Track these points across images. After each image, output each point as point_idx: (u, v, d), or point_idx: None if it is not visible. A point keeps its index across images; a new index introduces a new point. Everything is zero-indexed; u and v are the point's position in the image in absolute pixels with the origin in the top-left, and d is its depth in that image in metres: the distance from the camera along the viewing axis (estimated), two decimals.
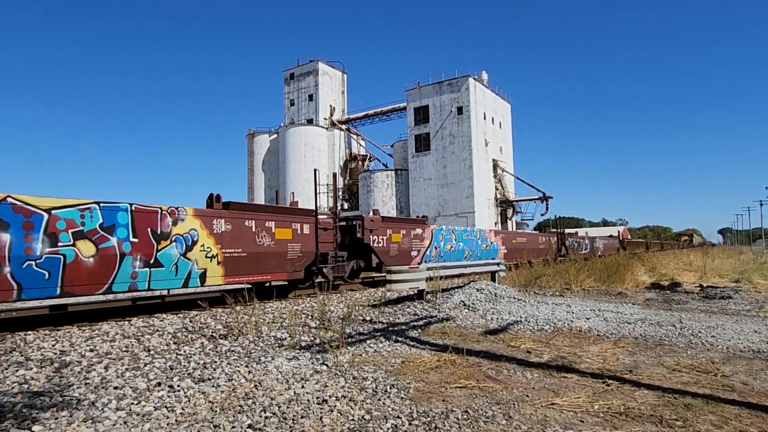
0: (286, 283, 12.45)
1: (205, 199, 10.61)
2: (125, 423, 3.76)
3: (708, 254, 31.81)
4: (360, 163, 64.36)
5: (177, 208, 9.47)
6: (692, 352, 6.43)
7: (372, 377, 5.03)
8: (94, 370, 5.15)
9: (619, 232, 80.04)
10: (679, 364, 5.77)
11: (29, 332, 7.02)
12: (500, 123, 56.98)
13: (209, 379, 4.79)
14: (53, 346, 6.16)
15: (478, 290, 11.47)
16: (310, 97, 64.92)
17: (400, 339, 7.02)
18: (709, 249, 48.52)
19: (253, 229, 10.91)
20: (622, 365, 5.73)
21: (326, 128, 63.36)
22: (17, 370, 5.06)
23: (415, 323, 8.35)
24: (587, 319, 8.82)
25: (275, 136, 64.84)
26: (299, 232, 12.16)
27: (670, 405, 4.28)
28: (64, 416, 3.84)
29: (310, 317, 8.61)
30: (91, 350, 6.02)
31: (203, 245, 9.79)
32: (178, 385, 4.57)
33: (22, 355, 5.69)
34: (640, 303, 11.67)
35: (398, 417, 3.95)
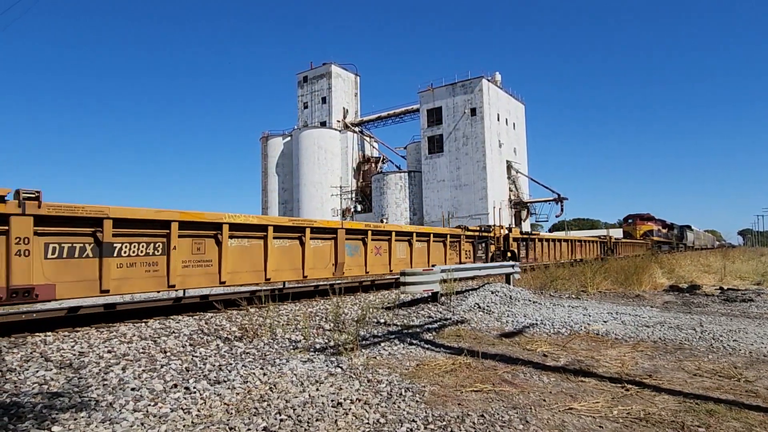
0: None
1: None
2: (142, 424, 3.78)
3: (727, 256, 31.19)
4: (373, 165, 64.46)
5: None
6: (713, 356, 6.30)
7: (387, 380, 5.00)
8: (112, 371, 5.21)
9: None
10: (700, 369, 5.65)
11: (49, 333, 7.12)
12: (514, 124, 56.65)
13: (224, 382, 4.81)
14: (72, 347, 6.24)
15: (492, 292, 11.37)
16: (323, 100, 65.26)
17: (414, 342, 6.99)
18: (729, 251, 47.55)
19: None
20: (641, 369, 5.63)
21: (339, 130, 63.60)
22: (37, 371, 5.14)
23: (430, 326, 8.31)
24: (604, 322, 8.69)
25: (289, 138, 65.27)
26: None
27: (691, 411, 4.19)
28: (82, 417, 3.88)
29: (324, 319, 8.61)
30: (109, 351, 6.08)
31: None
32: (194, 387, 4.60)
33: (41, 356, 5.78)
34: (659, 306, 11.47)
35: (413, 421, 3.92)
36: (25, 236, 6.72)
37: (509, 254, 19.96)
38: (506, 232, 21.02)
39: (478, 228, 19.54)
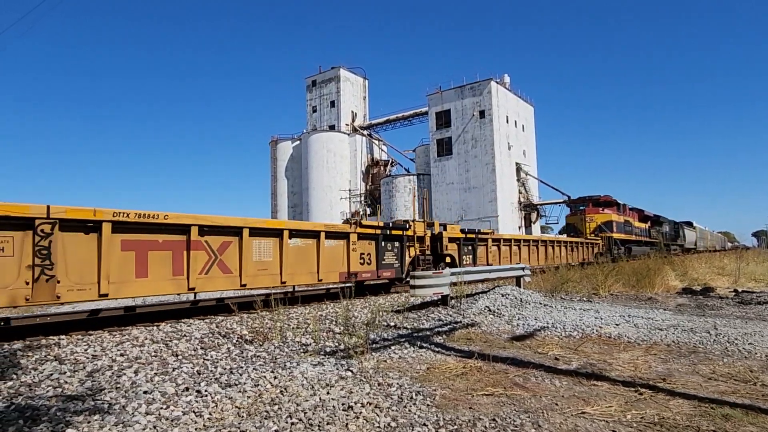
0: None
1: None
2: (155, 427, 3.81)
3: (742, 257, 30.73)
4: (382, 168, 64.49)
5: None
6: (729, 359, 6.20)
7: (397, 384, 4.99)
8: (125, 374, 5.25)
9: None
10: (715, 373, 5.57)
11: (63, 336, 7.21)
12: (523, 126, 56.42)
13: (236, 385, 4.83)
14: (86, 350, 6.31)
15: (503, 295, 11.31)
16: (332, 104, 65.47)
17: (424, 345, 6.97)
18: (743, 252, 46.87)
19: None
20: (654, 373, 5.56)
21: (348, 134, 63.75)
22: (51, 374, 5.20)
23: (440, 329, 8.28)
24: (616, 325, 8.61)
25: (298, 142, 65.55)
26: None
27: (707, 415, 4.13)
28: (96, 420, 3.92)
29: (334, 323, 8.62)
30: (122, 355, 6.14)
31: None
32: (206, 390, 4.62)
33: (56, 360, 5.85)
34: (672, 308, 11.34)
35: (424, 425, 3.91)
36: None
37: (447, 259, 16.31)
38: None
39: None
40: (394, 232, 14.07)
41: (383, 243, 13.64)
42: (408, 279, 13.31)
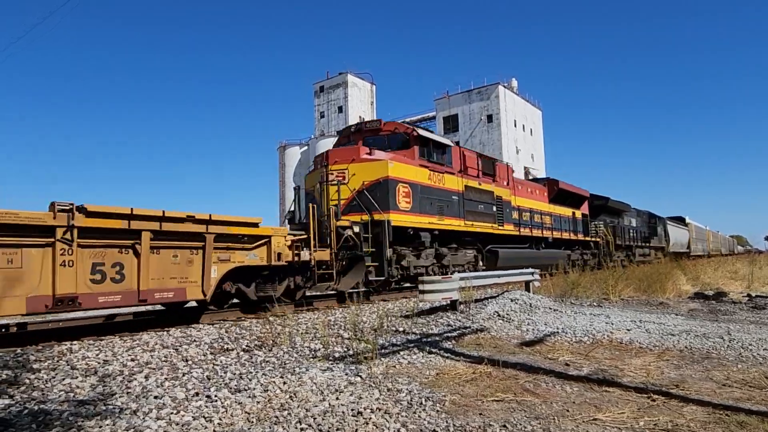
0: None
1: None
2: None
3: (755, 261, 30.34)
4: None
5: None
6: (743, 365, 6.12)
7: (406, 389, 4.98)
8: (135, 379, 5.28)
9: None
10: (729, 379, 5.49)
11: (74, 342, 7.27)
12: (531, 130, 56.32)
13: (245, 390, 4.83)
14: (97, 355, 6.35)
15: (512, 300, 11.25)
16: (340, 109, 65.79)
17: (433, 350, 6.94)
18: (756, 256, 46.22)
19: None
20: (667, 379, 5.50)
21: None
22: (63, 379, 5.24)
23: (449, 334, 8.25)
24: (628, 330, 8.52)
25: (306, 148, 65.91)
26: None
27: (721, 422, 4.07)
28: (107, 425, 3.94)
29: (342, 328, 8.62)
30: (132, 360, 6.17)
31: None
32: (216, 396, 4.63)
33: (68, 365, 5.89)
34: (684, 313, 11.21)
35: (434, 430, 3.89)
36: None
37: None
38: None
39: None
40: None
41: None
42: None
